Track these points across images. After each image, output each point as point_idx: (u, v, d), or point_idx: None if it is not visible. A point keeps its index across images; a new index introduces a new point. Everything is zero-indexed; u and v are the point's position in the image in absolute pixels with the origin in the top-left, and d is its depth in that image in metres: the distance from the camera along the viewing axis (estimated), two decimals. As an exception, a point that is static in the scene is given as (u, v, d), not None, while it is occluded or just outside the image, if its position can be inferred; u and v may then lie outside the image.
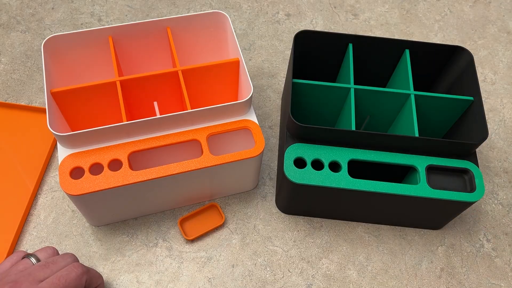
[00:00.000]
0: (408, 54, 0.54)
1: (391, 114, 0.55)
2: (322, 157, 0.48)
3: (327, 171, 0.47)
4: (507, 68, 0.71)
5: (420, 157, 0.49)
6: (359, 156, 0.48)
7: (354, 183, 0.47)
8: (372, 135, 0.47)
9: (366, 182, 0.47)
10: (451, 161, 0.49)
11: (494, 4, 0.78)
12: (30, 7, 0.72)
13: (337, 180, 0.47)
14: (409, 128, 0.50)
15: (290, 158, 0.48)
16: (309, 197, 0.51)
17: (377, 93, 0.52)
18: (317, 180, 0.47)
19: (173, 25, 0.54)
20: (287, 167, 0.48)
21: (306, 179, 0.47)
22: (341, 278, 0.52)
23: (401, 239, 0.55)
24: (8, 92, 0.63)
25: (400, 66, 0.56)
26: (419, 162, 0.49)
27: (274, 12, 0.74)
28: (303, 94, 0.53)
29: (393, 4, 0.77)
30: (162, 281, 0.51)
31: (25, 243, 0.53)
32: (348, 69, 0.54)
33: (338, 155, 0.48)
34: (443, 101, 0.52)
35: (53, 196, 0.56)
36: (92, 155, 0.47)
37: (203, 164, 0.47)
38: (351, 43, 0.55)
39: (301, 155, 0.48)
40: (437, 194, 0.47)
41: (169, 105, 0.56)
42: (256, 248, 0.54)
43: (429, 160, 0.49)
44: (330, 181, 0.47)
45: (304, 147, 0.49)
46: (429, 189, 0.47)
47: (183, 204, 0.55)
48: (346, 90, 0.52)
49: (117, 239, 0.53)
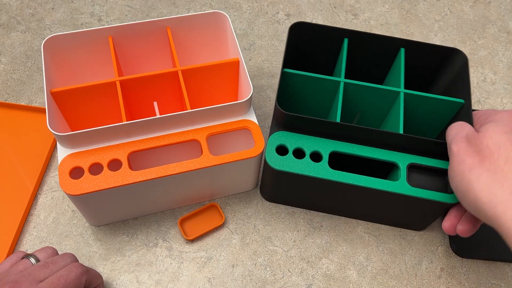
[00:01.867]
0: (403, 52, 0.55)
1: (381, 111, 0.56)
2: (304, 147, 0.49)
3: (308, 160, 0.48)
4: (507, 68, 0.71)
5: (403, 155, 0.49)
6: (341, 149, 0.49)
7: (333, 174, 0.48)
8: (355, 128, 0.48)
9: (345, 174, 0.48)
10: (434, 161, 0.49)
11: (494, 4, 0.78)
12: (30, 7, 0.72)
13: (316, 169, 0.48)
14: (397, 126, 0.51)
15: (273, 145, 0.49)
16: (288, 185, 0.51)
17: (367, 89, 0.52)
18: (297, 168, 0.48)
19: (173, 25, 0.54)
20: (269, 153, 0.48)
21: (286, 166, 0.48)
22: (341, 278, 0.52)
23: (401, 239, 0.55)
24: (8, 92, 0.63)
25: (395, 64, 0.56)
26: (401, 160, 0.49)
27: (274, 12, 0.74)
28: (293, 85, 0.54)
29: (393, 4, 0.77)
30: (162, 281, 0.51)
31: (25, 243, 0.53)
32: (341, 63, 0.54)
33: (320, 146, 0.49)
34: (433, 102, 0.52)
35: (53, 196, 0.56)
36: (91, 155, 0.47)
37: (203, 164, 0.47)
38: (347, 38, 0.55)
39: (283, 143, 0.49)
40: (415, 192, 0.47)
41: (169, 105, 0.56)
42: (256, 248, 0.54)
43: (412, 158, 0.49)
44: (309, 170, 0.48)
45: (288, 135, 0.49)
46: (408, 186, 0.47)
47: (183, 204, 0.55)
48: (336, 83, 0.52)
49: (117, 239, 0.53)
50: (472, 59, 0.71)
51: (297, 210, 0.56)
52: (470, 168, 0.40)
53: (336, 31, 0.54)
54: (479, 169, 0.40)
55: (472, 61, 0.71)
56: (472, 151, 0.41)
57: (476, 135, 0.42)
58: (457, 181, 0.42)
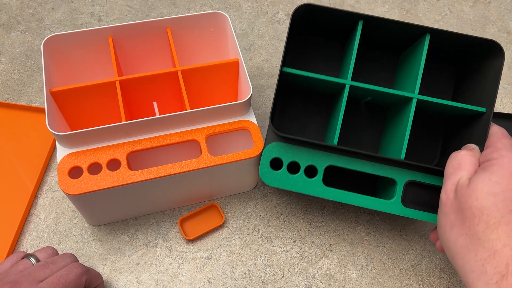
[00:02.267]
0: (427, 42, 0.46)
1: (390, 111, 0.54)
2: (300, 160, 0.47)
3: (302, 177, 0.47)
4: (507, 68, 0.71)
5: (402, 171, 0.47)
6: (338, 163, 0.47)
7: (327, 192, 0.46)
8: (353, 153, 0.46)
9: (338, 192, 0.46)
10: (435, 179, 0.47)
11: (494, 4, 0.78)
12: (30, 7, 0.72)
13: (309, 187, 0.46)
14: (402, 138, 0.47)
15: (267, 158, 0.47)
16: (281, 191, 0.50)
17: (375, 93, 0.48)
18: (290, 185, 0.46)
19: (173, 25, 0.54)
20: (262, 167, 0.47)
21: (279, 183, 0.47)
22: (341, 278, 0.52)
23: (401, 239, 0.55)
24: (8, 92, 0.63)
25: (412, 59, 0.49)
26: (400, 176, 0.47)
27: (274, 12, 0.74)
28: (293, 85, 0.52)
29: (393, 4, 0.77)
30: (162, 281, 0.51)
31: (25, 243, 0.53)
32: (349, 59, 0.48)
33: (316, 160, 0.47)
34: (450, 109, 0.47)
35: (53, 196, 0.56)
36: (91, 155, 0.47)
37: (202, 164, 0.47)
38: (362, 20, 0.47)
39: (278, 156, 0.47)
40: (408, 213, 0.46)
41: (168, 105, 0.56)
42: (256, 248, 0.54)
43: (411, 175, 0.47)
44: (303, 188, 0.46)
45: (283, 147, 0.47)
46: (402, 207, 0.46)
47: (182, 204, 0.55)
48: (341, 86, 0.47)
49: (117, 239, 0.53)
50: (472, 59, 0.71)
51: (297, 210, 0.56)
52: (452, 225, 0.39)
53: (350, 15, 0.47)
54: (459, 229, 0.38)
55: (472, 61, 0.71)
56: (456, 207, 0.39)
57: (464, 189, 0.39)
58: (440, 232, 0.41)
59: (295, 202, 0.57)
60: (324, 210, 0.57)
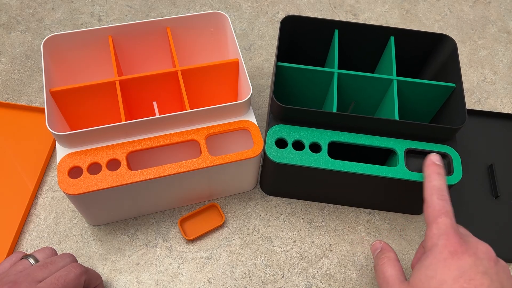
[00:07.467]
0: (393, 40, 0.55)
1: (375, 100, 0.56)
2: (303, 138, 0.49)
3: (307, 152, 0.49)
4: (507, 68, 0.71)
5: (400, 141, 0.50)
6: (339, 138, 0.49)
7: (333, 163, 0.48)
8: (352, 117, 0.48)
9: (345, 163, 0.48)
10: (430, 145, 0.50)
11: (494, 4, 0.78)
12: (30, 7, 0.72)
13: (316, 160, 0.48)
14: (392, 113, 0.51)
15: (272, 138, 0.49)
16: (289, 178, 0.52)
17: (360, 78, 0.53)
18: (297, 159, 0.48)
19: (173, 25, 0.54)
20: (269, 147, 0.49)
21: (286, 159, 0.48)
22: (341, 278, 0.52)
23: (401, 239, 0.55)
24: (8, 92, 0.63)
25: (385, 53, 0.57)
26: (399, 146, 0.50)
27: (274, 12, 0.74)
28: (288, 78, 0.54)
29: (393, 4, 0.77)
30: (162, 281, 0.51)
31: (25, 243, 0.53)
32: (333, 54, 0.55)
33: (318, 137, 0.49)
34: (425, 87, 0.53)
35: (53, 196, 0.56)
36: (90, 155, 0.47)
37: (202, 164, 0.47)
38: (337, 29, 0.56)
39: (282, 136, 0.49)
40: (414, 176, 0.48)
41: (168, 105, 0.56)
42: (256, 248, 0.54)
43: (409, 143, 0.50)
44: (309, 161, 0.48)
45: (286, 128, 0.50)
46: (407, 171, 0.48)
47: (182, 204, 0.55)
48: (330, 74, 0.53)
49: (117, 239, 0.53)
50: (472, 59, 0.71)
51: (297, 210, 0.56)
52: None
53: (326, 23, 0.55)
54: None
55: (472, 61, 0.71)
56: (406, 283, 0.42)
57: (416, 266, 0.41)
58: None
59: (295, 202, 0.57)
60: (324, 210, 0.57)
